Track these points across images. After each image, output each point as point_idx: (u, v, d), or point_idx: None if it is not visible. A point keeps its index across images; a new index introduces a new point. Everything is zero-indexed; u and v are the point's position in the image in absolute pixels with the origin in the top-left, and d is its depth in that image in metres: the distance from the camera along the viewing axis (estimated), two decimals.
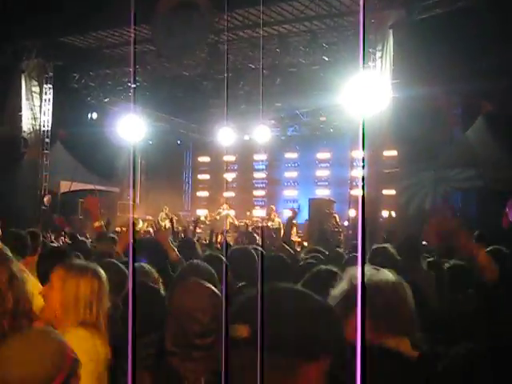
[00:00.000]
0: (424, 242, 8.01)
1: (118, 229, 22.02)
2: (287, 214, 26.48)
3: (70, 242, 14.65)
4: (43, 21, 19.75)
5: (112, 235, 8.31)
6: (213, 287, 2.85)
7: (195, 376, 2.59)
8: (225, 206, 27.25)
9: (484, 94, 20.84)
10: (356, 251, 6.23)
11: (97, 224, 5.89)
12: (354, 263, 2.54)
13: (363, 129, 2.36)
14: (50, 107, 23.91)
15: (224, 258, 5.35)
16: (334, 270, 4.60)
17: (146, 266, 5.14)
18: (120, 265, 4.93)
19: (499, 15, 17.40)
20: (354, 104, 18.23)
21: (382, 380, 2.27)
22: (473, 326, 4.75)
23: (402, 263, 6.32)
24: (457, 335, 4.40)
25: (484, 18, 17.62)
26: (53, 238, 16.49)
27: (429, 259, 7.30)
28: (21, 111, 23.38)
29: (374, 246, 6.81)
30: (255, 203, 32.32)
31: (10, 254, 4.24)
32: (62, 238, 17.10)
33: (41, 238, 8.34)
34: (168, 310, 2.95)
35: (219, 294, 2.78)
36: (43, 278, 5.07)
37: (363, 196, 2.27)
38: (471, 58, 19.15)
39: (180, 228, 19.99)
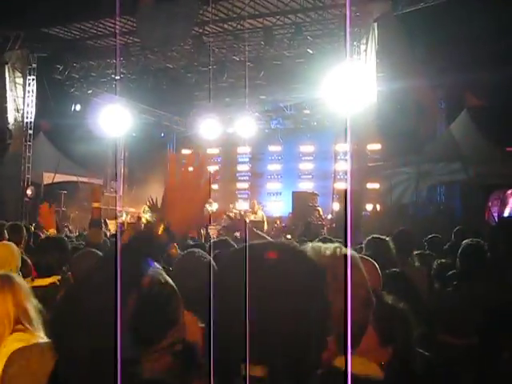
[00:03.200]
0: None
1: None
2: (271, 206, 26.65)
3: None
4: (27, 11, 19.59)
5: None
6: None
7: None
8: None
9: (469, 87, 20.93)
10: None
11: (96, 205, 5.88)
12: None
13: (348, 123, 2.36)
14: (34, 98, 23.70)
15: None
16: None
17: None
18: (100, 254, 4.91)
19: (483, 8, 17.47)
20: (337, 97, 18.25)
21: None
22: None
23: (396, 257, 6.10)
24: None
25: (467, 12, 17.68)
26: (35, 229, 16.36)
27: (416, 252, 7.31)
28: (6, 103, 23.21)
29: (369, 237, 6.49)
30: (238, 196, 32.28)
31: None
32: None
33: (24, 231, 8.29)
34: None
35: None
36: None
37: (350, 189, 2.26)
38: (455, 52, 19.23)
39: None
